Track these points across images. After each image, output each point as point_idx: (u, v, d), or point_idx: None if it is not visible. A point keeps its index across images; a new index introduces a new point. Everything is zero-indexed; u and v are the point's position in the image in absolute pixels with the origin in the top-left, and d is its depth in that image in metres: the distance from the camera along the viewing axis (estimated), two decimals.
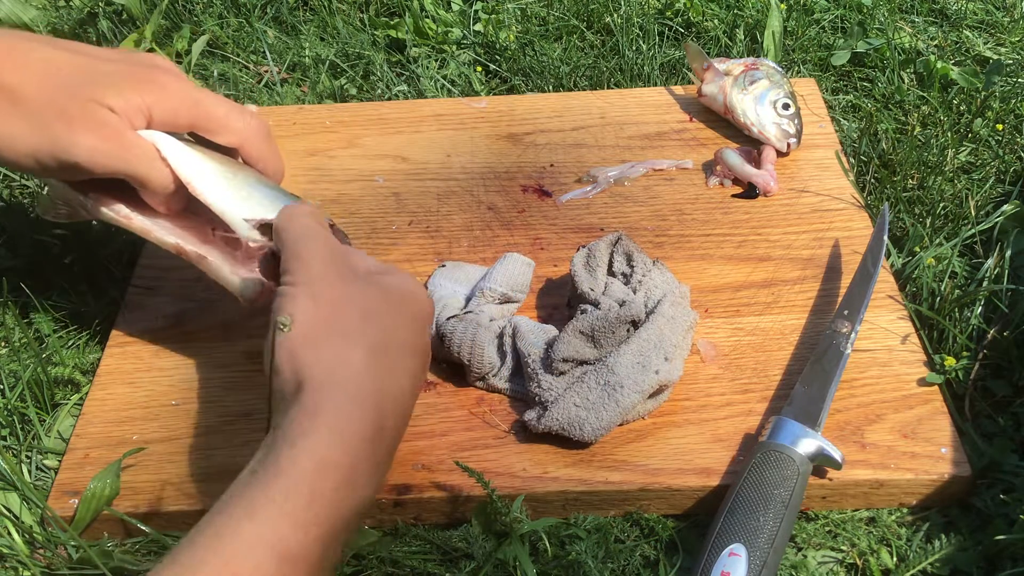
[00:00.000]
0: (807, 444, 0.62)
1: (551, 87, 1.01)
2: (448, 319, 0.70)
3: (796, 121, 0.87)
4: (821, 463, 0.62)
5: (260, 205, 0.67)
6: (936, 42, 1.05)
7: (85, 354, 0.76)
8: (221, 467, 0.66)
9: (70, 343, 0.77)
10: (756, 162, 0.85)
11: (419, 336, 0.59)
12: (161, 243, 0.68)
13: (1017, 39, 1.05)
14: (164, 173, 0.66)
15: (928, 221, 0.82)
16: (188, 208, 0.69)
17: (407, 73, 1.04)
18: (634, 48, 1.03)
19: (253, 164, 0.70)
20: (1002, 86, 0.95)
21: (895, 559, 0.62)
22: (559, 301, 0.76)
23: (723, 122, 0.91)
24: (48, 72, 0.63)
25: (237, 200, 0.67)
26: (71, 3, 1.15)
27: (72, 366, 0.74)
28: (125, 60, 0.67)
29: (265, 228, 0.67)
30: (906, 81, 0.99)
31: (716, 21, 1.07)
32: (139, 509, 0.64)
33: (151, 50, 1.02)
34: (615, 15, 1.07)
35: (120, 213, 0.68)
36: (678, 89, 0.96)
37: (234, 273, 0.67)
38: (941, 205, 0.83)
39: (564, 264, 0.78)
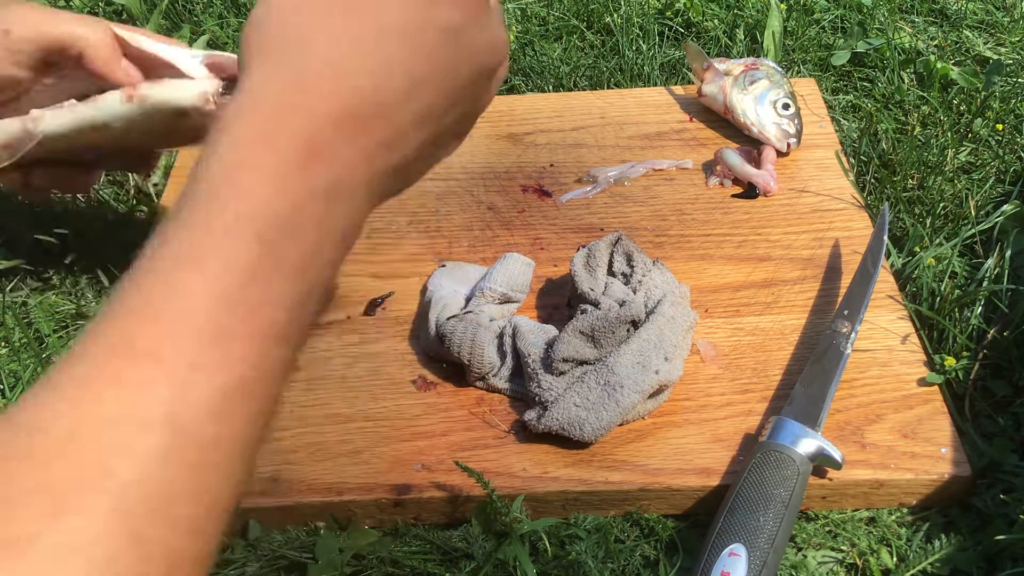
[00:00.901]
0: (807, 444, 0.62)
1: (551, 87, 1.01)
2: (448, 319, 0.69)
3: (796, 121, 0.87)
4: (821, 463, 0.62)
5: (201, 50, 0.71)
6: (936, 42, 1.05)
7: None
8: None
9: (70, 343, 0.77)
10: (756, 162, 0.85)
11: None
12: (110, 108, 0.67)
13: (1017, 39, 1.05)
14: (103, 28, 0.68)
15: (928, 221, 0.81)
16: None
17: None
18: (634, 48, 1.03)
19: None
20: (1002, 86, 0.95)
21: (895, 559, 0.62)
22: (559, 301, 0.76)
23: (723, 122, 0.91)
24: None
25: (180, 48, 0.70)
26: (71, 3, 1.15)
27: None
28: None
29: (212, 66, 0.69)
30: (906, 81, 0.99)
31: (716, 21, 1.07)
32: None
33: None
34: (615, 15, 1.07)
35: (65, 105, 0.68)
36: (678, 89, 0.96)
37: (185, 81, 0.68)
38: (941, 205, 0.83)
39: (564, 264, 0.78)
